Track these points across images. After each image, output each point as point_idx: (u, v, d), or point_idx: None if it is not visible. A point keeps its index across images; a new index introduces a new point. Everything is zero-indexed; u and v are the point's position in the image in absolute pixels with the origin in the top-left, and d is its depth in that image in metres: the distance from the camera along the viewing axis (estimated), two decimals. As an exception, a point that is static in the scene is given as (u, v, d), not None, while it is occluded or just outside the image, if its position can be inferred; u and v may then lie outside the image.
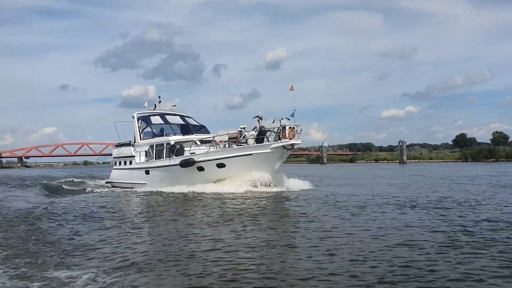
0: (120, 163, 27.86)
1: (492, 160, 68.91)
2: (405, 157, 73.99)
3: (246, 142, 19.60)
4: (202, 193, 18.67)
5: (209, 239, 8.50)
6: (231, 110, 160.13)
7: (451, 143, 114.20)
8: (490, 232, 8.44)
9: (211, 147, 20.37)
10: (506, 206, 12.62)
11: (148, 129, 26.17)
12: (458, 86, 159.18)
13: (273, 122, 19.56)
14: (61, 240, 9.09)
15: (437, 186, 21.17)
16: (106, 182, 29.29)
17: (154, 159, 23.99)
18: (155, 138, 24.91)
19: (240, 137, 19.73)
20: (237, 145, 19.69)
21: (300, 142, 18.66)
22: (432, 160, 76.30)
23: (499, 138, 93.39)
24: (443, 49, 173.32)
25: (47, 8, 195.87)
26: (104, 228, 10.63)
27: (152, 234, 9.72)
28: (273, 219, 11.11)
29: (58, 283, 5.98)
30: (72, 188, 27.24)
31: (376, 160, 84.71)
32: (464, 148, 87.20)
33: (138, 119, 26.75)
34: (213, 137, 20.95)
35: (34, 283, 5.98)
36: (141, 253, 7.58)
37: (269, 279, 5.77)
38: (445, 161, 73.49)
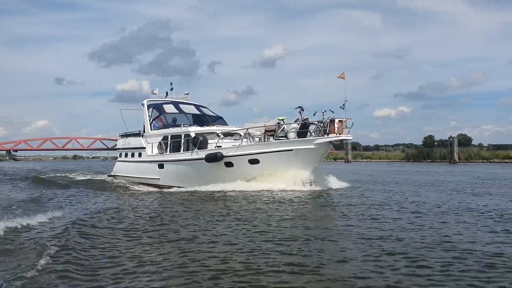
0: (126, 155, 25.09)
1: (429, 160, 71.93)
2: (349, 157, 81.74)
3: (285, 136, 17.31)
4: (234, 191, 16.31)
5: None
6: (227, 107, 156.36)
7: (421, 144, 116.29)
8: None
9: (243, 140, 17.99)
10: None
11: (161, 118, 23.54)
12: (453, 87, 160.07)
13: (314, 115, 17.33)
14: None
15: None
16: (109, 176, 26.49)
17: (168, 152, 21.44)
18: (170, 129, 22.25)
19: (279, 130, 17.42)
20: (274, 139, 17.38)
21: (351, 138, 16.40)
22: (381, 160, 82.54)
23: (463, 140, 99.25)
24: (441, 49, 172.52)
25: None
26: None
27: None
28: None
29: None
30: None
31: (335, 159, 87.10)
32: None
33: (148, 107, 23.98)
34: (247, 129, 18.51)
35: None
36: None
37: None
38: (391, 161, 78.70)
